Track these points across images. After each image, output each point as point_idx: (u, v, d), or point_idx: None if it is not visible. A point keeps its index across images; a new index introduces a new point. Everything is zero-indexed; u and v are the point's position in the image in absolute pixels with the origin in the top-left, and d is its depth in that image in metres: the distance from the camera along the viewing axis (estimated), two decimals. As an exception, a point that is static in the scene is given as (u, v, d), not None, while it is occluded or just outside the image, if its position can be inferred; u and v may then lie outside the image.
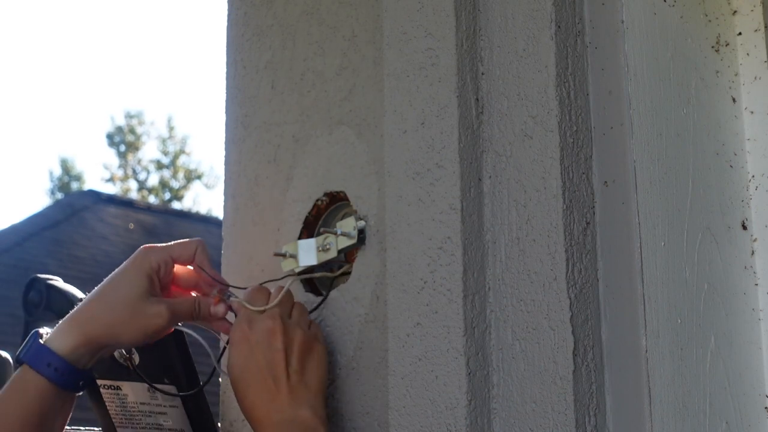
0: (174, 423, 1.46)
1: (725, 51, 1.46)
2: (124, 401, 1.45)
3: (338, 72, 1.56)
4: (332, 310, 1.49)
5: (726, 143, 1.43)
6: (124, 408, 1.45)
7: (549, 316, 1.27)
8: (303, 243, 1.50)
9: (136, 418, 1.45)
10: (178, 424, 1.46)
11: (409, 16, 1.39)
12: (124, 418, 1.45)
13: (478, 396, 1.27)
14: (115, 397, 1.45)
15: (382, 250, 1.41)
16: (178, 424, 1.46)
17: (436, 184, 1.33)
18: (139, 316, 1.32)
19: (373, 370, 1.42)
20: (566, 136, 1.31)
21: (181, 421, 1.46)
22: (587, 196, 1.32)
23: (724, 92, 1.45)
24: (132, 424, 1.45)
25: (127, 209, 11.48)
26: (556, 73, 1.31)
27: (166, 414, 1.45)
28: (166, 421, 1.46)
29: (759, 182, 1.43)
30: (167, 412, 1.45)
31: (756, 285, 1.41)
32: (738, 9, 1.48)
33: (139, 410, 1.45)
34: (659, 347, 1.28)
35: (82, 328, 1.31)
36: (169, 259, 1.38)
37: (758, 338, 1.40)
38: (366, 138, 1.50)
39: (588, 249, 1.30)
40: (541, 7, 1.33)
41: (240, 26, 1.73)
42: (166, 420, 1.46)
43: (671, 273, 1.32)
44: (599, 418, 1.26)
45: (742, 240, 1.42)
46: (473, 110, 1.35)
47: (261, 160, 1.65)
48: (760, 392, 1.38)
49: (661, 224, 1.32)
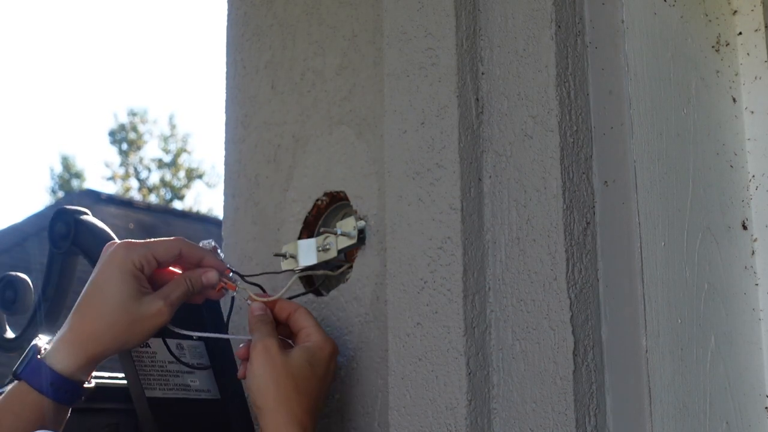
0: (201, 383, 1.44)
1: (725, 51, 1.46)
2: (153, 359, 1.42)
3: (338, 72, 1.56)
4: (332, 310, 1.49)
5: (726, 143, 1.43)
6: (153, 367, 1.42)
7: (549, 316, 1.27)
8: (303, 243, 1.50)
9: (164, 378, 1.42)
10: (205, 384, 1.44)
11: (409, 16, 1.39)
12: (151, 378, 1.42)
13: (478, 396, 1.27)
14: (144, 355, 1.41)
15: (382, 250, 1.41)
16: (205, 384, 1.44)
17: (436, 184, 1.33)
18: (140, 319, 1.29)
19: (373, 370, 1.42)
20: (566, 136, 1.31)
21: (208, 382, 1.44)
22: (587, 196, 1.32)
23: (724, 92, 1.45)
24: (160, 385, 1.42)
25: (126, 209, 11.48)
26: (556, 73, 1.31)
27: (194, 374, 1.44)
28: (193, 381, 1.43)
29: (759, 182, 1.43)
30: (195, 372, 1.44)
31: (756, 285, 1.41)
32: (738, 9, 1.48)
33: (167, 370, 1.42)
34: (659, 347, 1.28)
35: (84, 347, 1.28)
36: (151, 259, 1.32)
37: (758, 338, 1.40)
38: (366, 138, 1.50)
39: (588, 249, 1.30)
40: (541, 7, 1.33)
41: (240, 26, 1.73)
42: (193, 380, 1.44)
43: (671, 273, 1.32)
44: (599, 418, 1.26)
45: (742, 240, 1.42)
46: (473, 110, 1.35)
47: (261, 160, 1.65)
48: (761, 392, 1.38)
49: (661, 224, 1.32)
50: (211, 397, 1.44)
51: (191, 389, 1.44)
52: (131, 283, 1.30)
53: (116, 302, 1.29)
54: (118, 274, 1.30)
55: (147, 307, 1.30)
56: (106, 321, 1.28)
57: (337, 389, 1.47)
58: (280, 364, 1.29)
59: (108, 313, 1.29)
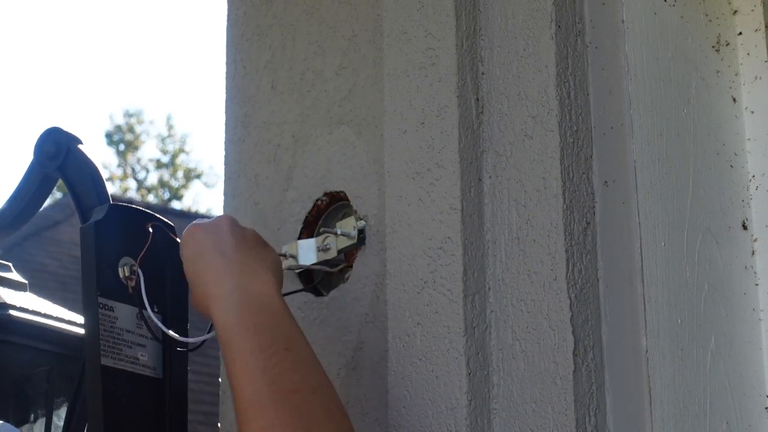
0: (149, 359, 1.41)
1: (726, 51, 1.46)
2: (113, 325, 1.39)
3: (338, 72, 1.56)
4: (332, 310, 1.49)
5: (726, 143, 1.43)
6: (111, 333, 1.39)
7: (549, 316, 1.27)
8: (303, 243, 1.50)
9: (117, 347, 1.39)
10: (152, 360, 1.41)
11: (409, 16, 1.39)
12: (107, 344, 1.38)
13: (478, 396, 1.27)
14: (106, 318, 1.38)
15: (382, 250, 1.41)
16: (152, 360, 1.41)
17: (436, 184, 1.33)
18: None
19: (373, 370, 1.42)
20: (566, 136, 1.31)
21: (155, 357, 1.41)
22: (587, 196, 1.32)
23: (724, 92, 1.45)
24: (113, 353, 1.38)
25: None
26: (556, 72, 1.31)
27: (145, 347, 1.40)
28: (143, 355, 1.40)
29: (759, 182, 1.43)
30: (146, 345, 1.40)
31: (756, 285, 1.41)
32: (738, 9, 1.48)
33: (123, 339, 1.39)
34: (659, 347, 1.28)
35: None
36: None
37: (758, 338, 1.40)
38: (366, 138, 1.50)
39: (588, 249, 1.30)
40: (541, 7, 1.33)
41: (240, 26, 1.73)
42: (143, 354, 1.40)
43: (671, 273, 1.32)
44: (599, 418, 1.26)
45: (742, 240, 1.42)
46: (473, 110, 1.35)
47: (261, 160, 1.65)
48: (761, 392, 1.38)
49: (662, 224, 1.32)
50: (154, 375, 1.41)
51: (139, 363, 1.40)
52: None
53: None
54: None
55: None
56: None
57: (336, 389, 1.46)
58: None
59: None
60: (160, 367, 1.42)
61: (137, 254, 1.38)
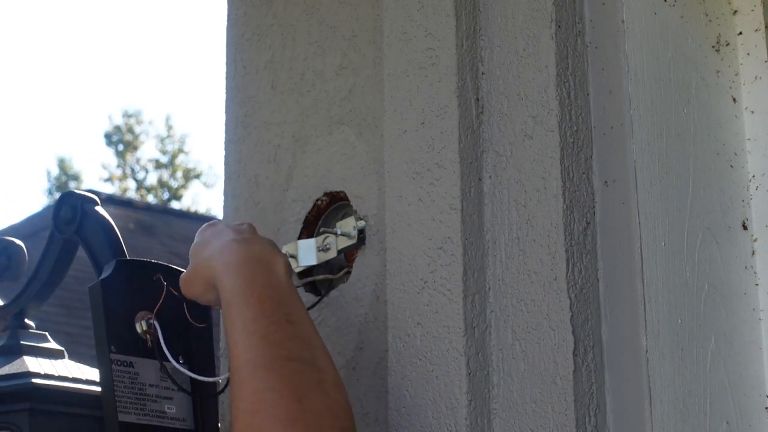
0: (177, 411, 1.41)
1: (725, 51, 1.46)
2: (133, 380, 1.39)
3: (338, 72, 1.56)
4: (332, 310, 1.49)
5: (726, 143, 1.43)
6: (131, 389, 1.39)
7: (549, 316, 1.27)
8: (303, 243, 1.50)
9: (140, 403, 1.39)
10: (182, 412, 1.42)
11: (409, 16, 1.39)
12: (128, 401, 1.38)
13: (478, 396, 1.27)
14: (125, 375, 1.38)
15: (382, 250, 1.41)
16: (181, 412, 1.42)
17: (436, 184, 1.33)
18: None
19: (373, 370, 1.42)
20: (566, 136, 1.31)
21: (185, 409, 1.41)
22: (587, 196, 1.32)
23: (724, 92, 1.45)
24: (135, 409, 1.39)
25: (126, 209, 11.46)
26: (556, 72, 1.31)
27: (172, 399, 1.41)
28: (170, 408, 1.41)
29: (759, 182, 1.43)
30: (173, 398, 1.41)
31: (756, 285, 1.41)
32: (738, 9, 1.48)
33: (146, 393, 1.40)
34: (659, 347, 1.28)
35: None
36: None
37: (758, 338, 1.40)
38: (366, 138, 1.50)
39: (588, 249, 1.30)
40: (541, 7, 1.33)
41: (240, 26, 1.73)
42: (170, 407, 1.41)
43: (671, 273, 1.32)
44: (599, 418, 1.26)
45: (742, 240, 1.42)
46: (473, 110, 1.35)
47: (261, 160, 1.65)
48: (761, 392, 1.38)
49: (662, 224, 1.32)
50: (185, 426, 1.42)
51: (166, 416, 1.41)
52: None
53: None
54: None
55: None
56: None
57: (336, 389, 1.47)
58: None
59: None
60: (191, 418, 1.42)
61: (153, 307, 1.38)
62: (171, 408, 1.41)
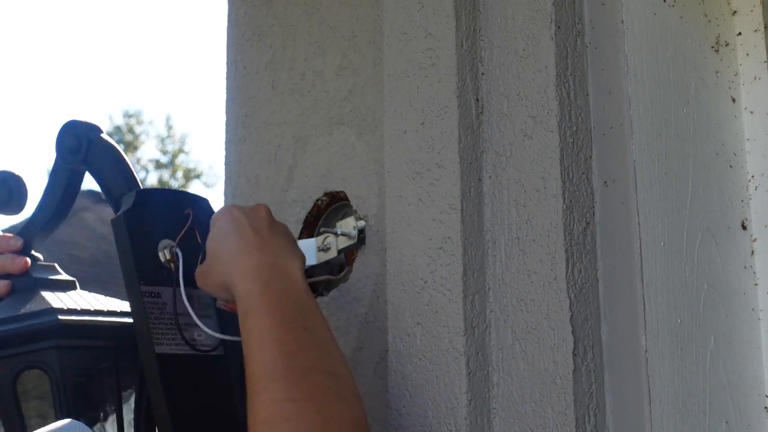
0: (206, 337, 1.38)
1: (725, 51, 1.47)
2: (162, 311, 1.36)
3: (338, 72, 1.56)
4: (332, 310, 1.49)
5: (726, 143, 1.43)
6: (162, 320, 1.36)
7: (549, 316, 1.27)
8: (303, 243, 1.50)
9: (172, 332, 1.36)
10: (210, 338, 1.38)
11: (409, 16, 1.39)
12: (160, 332, 1.35)
13: (478, 396, 1.27)
14: (154, 306, 1.35)
15: (382, 250, 1.41)
16: (210, 338, 1.38)
17: (436, 184, 1.33)
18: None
19: (373, 370, 1.42)
20: (566, 136, 1.31)
21: (213, 336, 1.38)
22: (587, 196, 1.32)
23: (723, 92, 1.45)
24: (167, 340, 1.36)
25: (126, 209, 11.42)
26: (556, 73, 1.31)
27: (199, 327, 1.36)
28: (199, 335, 1.38)
29: (759, 182, 1.43)
30: (200, 324, 1.36)
31: (756, 285, 1.41)
32: (738, 9, 1.48)
33: (176, 323, 1.36)
34: (659, 347, 1.28)
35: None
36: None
37: (758, 338, 1.40)
38: (366, 138, 1.50)
39: (588, 249, 1.30)
40: (541, 7, 1.34)
41: (240, 26, 1.73)
42: (199, 334, 1.38)
43: (671, 273, 1.32)
44: (599, 418, 1.26)
45: (741, 240, 1.42)
46: (473, 110, 1.35)
47: (261, 160, 1.65)
48: (760, 392, 1.38)
49: (661, 224, 1.32)
50: (216, 353, 1.39)
51: (197, 344, 1.38)
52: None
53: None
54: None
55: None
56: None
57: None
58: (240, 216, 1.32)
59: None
60: (219, 343, 1.39)
61: (175, 235, 1.36)
62: (200, 335, 1.38)
